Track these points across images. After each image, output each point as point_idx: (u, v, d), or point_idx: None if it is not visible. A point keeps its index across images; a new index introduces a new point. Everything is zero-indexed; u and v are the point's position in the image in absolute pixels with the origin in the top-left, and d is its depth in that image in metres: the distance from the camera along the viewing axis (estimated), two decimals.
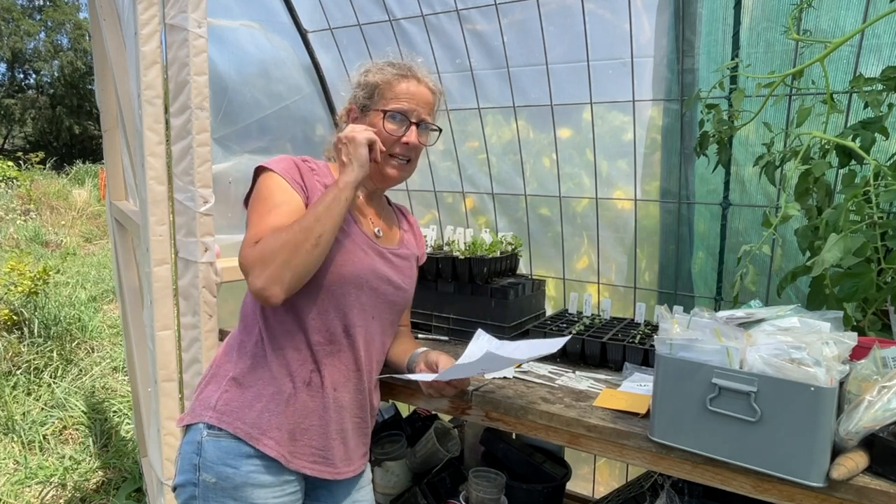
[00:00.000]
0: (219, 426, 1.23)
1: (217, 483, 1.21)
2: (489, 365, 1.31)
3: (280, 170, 1.27)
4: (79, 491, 2.95)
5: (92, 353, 4.60)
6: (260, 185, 1.28)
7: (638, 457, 1.21)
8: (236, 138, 2.29)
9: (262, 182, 1.28)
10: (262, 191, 1.27)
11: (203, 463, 1.22)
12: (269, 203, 1.24)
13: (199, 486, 1.22)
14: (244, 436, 1.23)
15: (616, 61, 2.07)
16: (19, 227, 8.75)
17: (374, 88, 1.36)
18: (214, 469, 1.22)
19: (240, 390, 1.26)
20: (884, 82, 1.41)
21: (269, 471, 1.24)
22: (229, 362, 1.30)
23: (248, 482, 1.22)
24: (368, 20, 2.48)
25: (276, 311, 1.28)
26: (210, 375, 1.33)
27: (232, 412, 1.24)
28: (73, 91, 25.97)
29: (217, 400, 1.26)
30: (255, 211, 1.25)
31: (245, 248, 1.20)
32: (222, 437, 1.23)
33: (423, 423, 2.19)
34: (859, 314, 1.37)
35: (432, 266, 1.92)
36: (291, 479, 1.27)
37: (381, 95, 1.35)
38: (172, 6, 1.51)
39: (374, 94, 1.35)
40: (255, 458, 1.23)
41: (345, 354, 1.31)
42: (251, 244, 1.19)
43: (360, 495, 1.42)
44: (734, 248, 1.96)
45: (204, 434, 1.24)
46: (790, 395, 1.00)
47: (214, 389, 1.28)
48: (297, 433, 1.26)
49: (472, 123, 2.48)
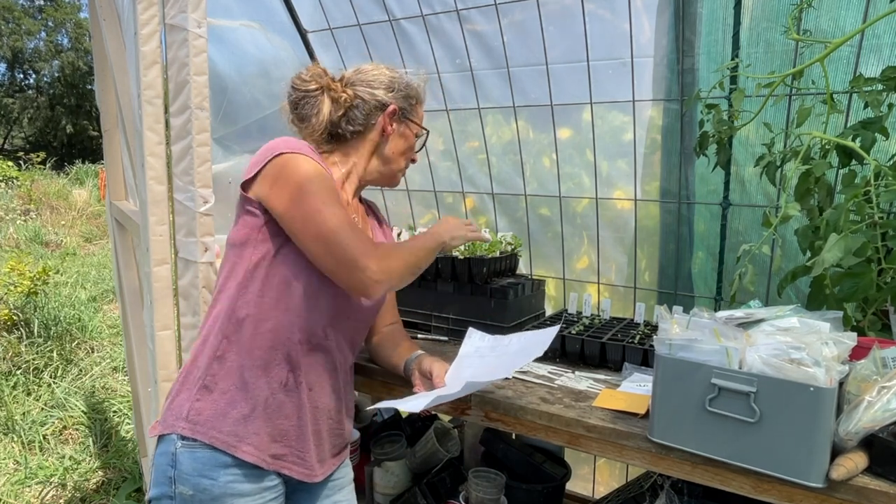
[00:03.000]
0: (192, 437, 1.19)
1: (195, 495, 1.18)
2: (472, 389, 1.29)
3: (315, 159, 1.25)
4: (79, 491, 2.95)
5: (92, 353, 4.60)
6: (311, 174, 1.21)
7: (637, 457, 1.21)
8: (236, 138, 2.29)
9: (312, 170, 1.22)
10: (315, 180, 1.21)
11: (179, 475, 1.18)
12: (334, 197, 1.21)
13: (176, 499, 1.19)
14: (221, 445, 1.19)
15: (616, 61, 2.07)
16: (19, 227, 8.75)
17: (414, 101, 1.44)
18: (191, 481, 1.18)
19: (211, 397, 1.21)
20: (884, 82, 1.41)
21: (248, 479, 1.21)
22: (198, 367, 1.24)
23: (227, 493, 1.18)
24: (368, 20, 2.48)
25: (259, 310, 1.22)
26: (180, 382, 1.27)
27: (206, 422, 1.20)
28: (73, 91, 25.98)
29: (189, 410, 1.21)
30: (327, 205, 1.19)
31: (352, 238, 1.17)
32: (197, 448, 1.19)
33: (422, 423, 2.19)
34: (859, 314, 1.37)
35: (432, 266, 1.91)
36: (271, 486, 1.25)
37: (415, 112, 1.45)
38: (172, 6, 1.50)
39: (414, 107, 1.44)
40: (233, 467, 1.19)
41: (323, 354, 1.29)
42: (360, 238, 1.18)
43: (341, 496, 1.41)
44: (734, 248, 1.96)
45: (178, 445, 1.19)
46: (789, 396, 1.00)
47: (186, 398, 1.23)
48: (275, 435, 1.24)
49: (472, 123, 2.48)
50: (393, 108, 1.39)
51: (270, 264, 1.24)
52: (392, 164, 1.43)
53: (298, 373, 1.26)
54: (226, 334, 1.23)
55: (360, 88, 1.39)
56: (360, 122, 1.38)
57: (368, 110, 1.38)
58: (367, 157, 1.41)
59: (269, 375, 1.23)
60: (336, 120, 1.38)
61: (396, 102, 1.39)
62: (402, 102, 1.41)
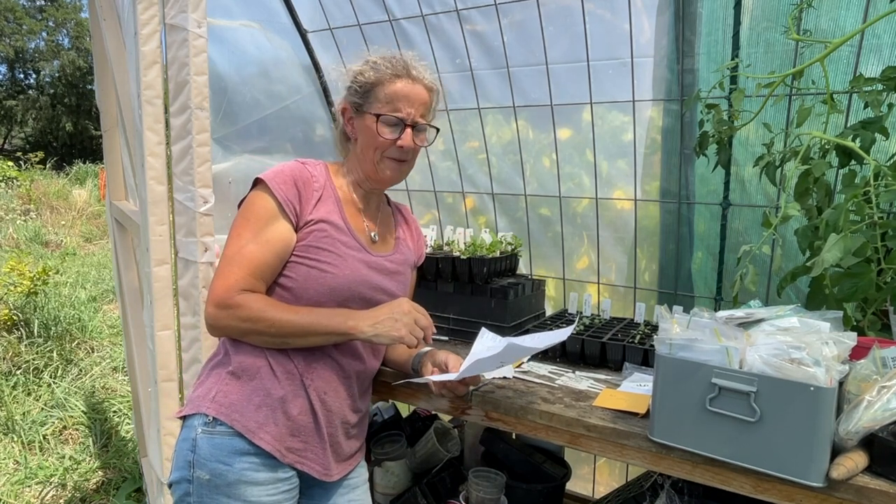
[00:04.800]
0: (216, 417, 1.23)
1: (211, 480, 1.22)
2: (507, 357, 1.30)
3: (277, 190, 1.26)
4: (79, 491, 2.95)
5: (92, 353, 4.60)
6: (254, 202, 1.27)
7: (638, 457, 1.21)
8: (236, 138, 2.29)
9: (257, 200, 1.27)
10: (255, 210, 1.26)
11: (197, 460, 1.23)
12: (256, 227, 1.24)
13: (193, 483, 1.23)
14: (241, 429, 1.23)
15: (616, 61, 2.07)
16: (19, 227, 8.74)
17: (368, 88, 1.33)
18: (208, 466, 1.22)
19: (238, 384, 1.26)
20: (884, 82, 1.41)
21: (264, 468, 1.24)
22: (227, 356, 1.30)
23: (241, 479, 1.22)
24: (368, 20, 2.48)
25: None
26: (208, 370, 1.33)
27: (231, 405, 1.25)
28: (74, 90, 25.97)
29: (217, 392, 1.26)
30: (244, 228, 1.25)
31: (223, 277, 1.22)
32: (216, 435, 1.23)
33: (422, 423, 2.19)
34: (859, 314, 1.37)
35: (432, 266, 1.92)
36: (286, 477, 1.27)
37: (374, 97, 1.32)
38: (172, 6, 1.50)
39: (369, 94, 1.33)
40: (249, 454, 1.23)
41: (335, 360, 1.32)
42: (229, 275, 1.21)
43: (355, 495, 1.43)
44: (734, 248, 1.96)
45: (199, 431, 1.24)
46: (790, 395, 1.00)
47: (214, 382, 1.29)
48: (294, 430, 1.27)
49: (472, 123, 2.48)
50: (343, 108, 1.38)
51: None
52: (366, 160, 1.36)
53: (308, 376, 1.29)
54: None
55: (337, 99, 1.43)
56: (342, 130, 1.43)
57: (338, 117, 1.42)
58: (356, 159, 1.41)
59: (285, 376, 1.27)
60: (339, 135, 1.45)
61: (347, 100, 1.37)
62: (354, 97, 1.35)
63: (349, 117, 1.38)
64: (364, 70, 1.34)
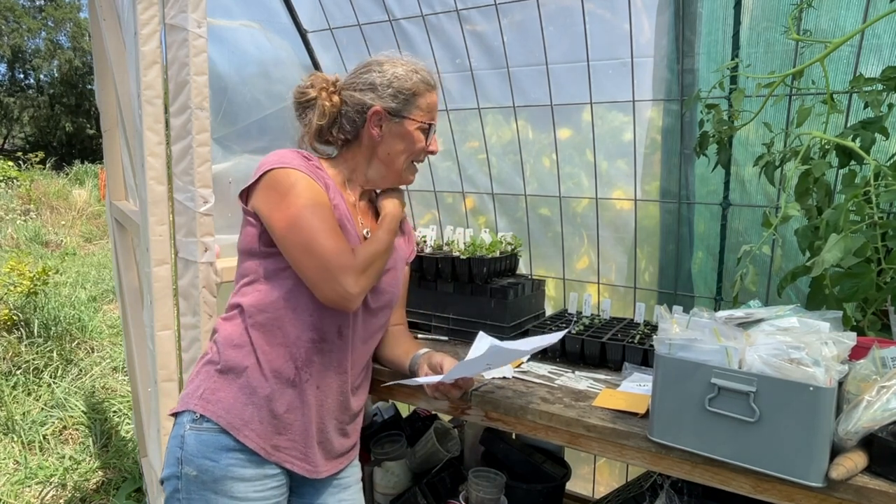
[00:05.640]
0: (203, 414, 1.25)
1: (198, 476, 1.23)
2: (494, 360, 1.30)
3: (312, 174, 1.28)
4: (79, 491, 2.95)
5: (92, 353, 4.60)
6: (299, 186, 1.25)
7: (637, 457, 1.21)
8: (236, 138, 2.29)
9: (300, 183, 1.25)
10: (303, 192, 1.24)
11: (185, 456, 1.24)
12: (320, 209, 1.24)
13: (182, 480, 1.24)
14: (226, 425, 1.23)
15: (616, 61, 2.07)
16: (19, 227, 8.74)
17: (408, 96, 1.36)
18: (195, 462, 1.23)
19: (226, 381, 1.28)
20: (884, 82, 1.41)
21: (250, 464, 1.25)
22: (217, 354, 1.31)
23: (228, 475, 1.22)
24: (368, 20, 2.48)
25: (274, 308, 1.28)
26: (199, 367, 1.34)
27: (217, 401, 1.26)
28: (73, 90, 25.96)
29: (204, 389, 1.28)
30: (313, 215, 1.22)
31: (336, 249, 1.21)
32: (203, 431, 1.24)
33: (422, 423, 2.19)
34: (859, 314, 1.37)
35: (432, 266, 1.92)
36: (273, 474, 1.28)
37: (416, 105, 1.37)
38: (172, 6, 1.51)
39: (410, 101, 1.37)
40: (235, 451, 1.24)
41: (334, 355, 1.32)
42: (340, 251, 1.21)
43: (346, 495, 1.43)
44: (734, 248, 1.96)
45: (187, 427, 1.25)
46: (789, 395, 1.00)
47: (203, 379, 1.30)
48: (280, 428, 1.27)
49: (472, 123, 2.48)
50: (376, 110, 1.35)
51: (278, 267, 1.29)
52: (394, 165, 1.41)
53: (306, 371, 1.29)
54: (244, 327, 1.30)
55: (347, 93, 1.39)
56: (348, 128, 1.40)
57: (353, 115, 1.38)
58: (367, 161, 1.41)
59: (278, 370, 1.27)
60: (326, 127, 1.40)
61: (382, 103, 1.35)
62: (391, 101, 1.35)
63: (379, 121, 1.37)
64: (406, 76, 1.36)
